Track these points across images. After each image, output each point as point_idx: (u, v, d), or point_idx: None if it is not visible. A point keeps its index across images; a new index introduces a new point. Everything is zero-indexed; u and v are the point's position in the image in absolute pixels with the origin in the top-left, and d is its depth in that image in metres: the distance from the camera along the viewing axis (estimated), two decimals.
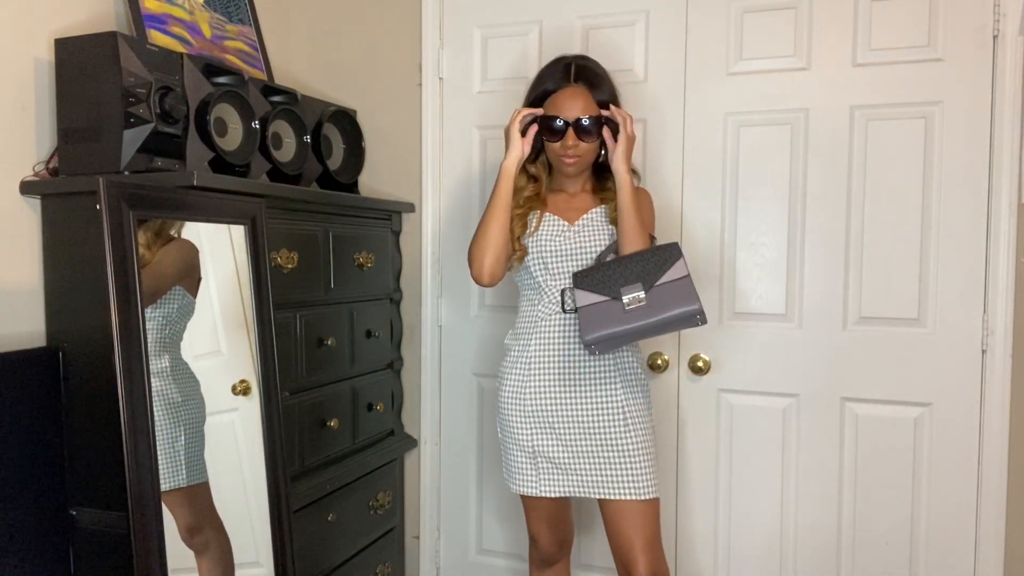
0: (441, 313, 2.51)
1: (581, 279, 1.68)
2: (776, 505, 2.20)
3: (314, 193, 2.16)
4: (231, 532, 1.76)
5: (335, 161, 2.34)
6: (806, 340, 2.14)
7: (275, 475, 1.81)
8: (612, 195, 1.81)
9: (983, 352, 2.00)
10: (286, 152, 2.10)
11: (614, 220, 1.78)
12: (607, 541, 1.82)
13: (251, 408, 1.81)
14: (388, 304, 2.46)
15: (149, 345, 1.51)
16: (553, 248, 1.79)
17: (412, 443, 2.54)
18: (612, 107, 1.75)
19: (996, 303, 1.98)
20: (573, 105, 1.73)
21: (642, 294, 1.63)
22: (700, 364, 2.21)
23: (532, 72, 2.29)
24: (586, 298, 1.66)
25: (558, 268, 1.79)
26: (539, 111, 1.77)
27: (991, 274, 1.98)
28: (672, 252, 1.67)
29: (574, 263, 1.78)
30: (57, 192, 1.74)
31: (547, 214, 1.83)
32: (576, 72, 1.76)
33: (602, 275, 1.67)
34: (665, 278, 1.64)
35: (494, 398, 1.90)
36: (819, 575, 2.17)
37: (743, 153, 2.17)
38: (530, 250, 1.80)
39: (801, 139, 2.12)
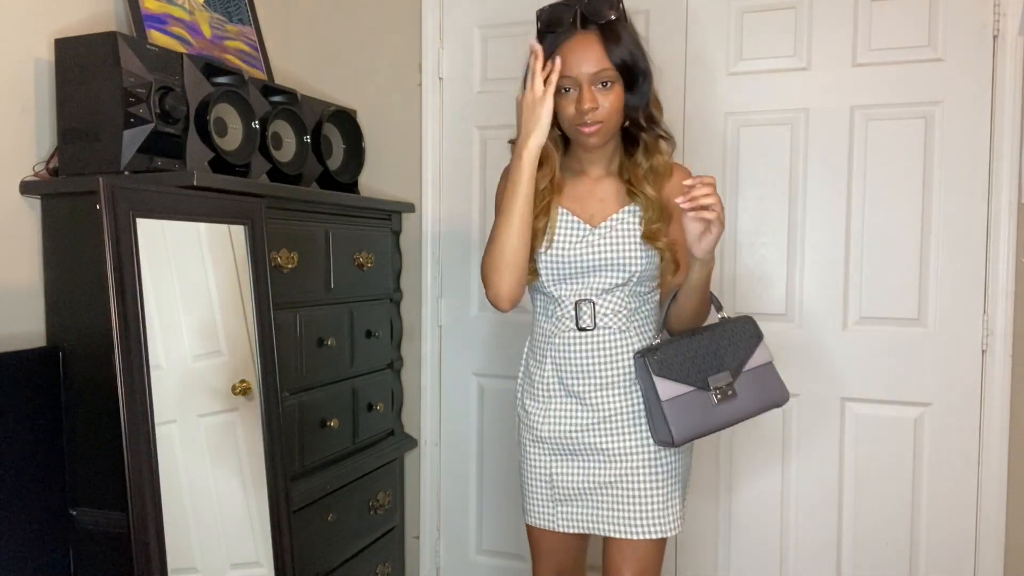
0: (441, 313, 2.51)
1: (660, 365, 1.41)
2: (776, 505, 2.20)
3: (314, 193, 2.16)
4: (231, 532, 1.76)
5: (335, 161, 2.34)
6: (806, 340, 2.14)
7: (275, 475, 1.81)
8: (641, 181, 1.47)
9: (983, 352, 2.00)
10: (286, 152, 2.10)
11: (650, 233, 1.46)
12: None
13: (251, 408, 1.81)
14: (388, 304, 2.46)
15: (150, 344, 1.51)
16: (571, 257, 1.47)
17: (412, 443, 2.54)
18: (688, 187, 1.35)
19: (996, 303, 1.98)
20: (584, 58, 1.37)
21: (730, 384, 1.44)
22: None
23: None
24: (671, 389, 1.41)
25: (575, 278, 1.49)
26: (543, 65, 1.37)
27: (991, 274, 1.98)
28: (752, 331, 1.49)
29: (594, 276, 1.48)
30: (57, 192, 1.74)
31: (562, 209, 1.48)
32: (583, 18, 1.40)
33: (682, 357, 1.43)
34: (751, 364, 1.47)
35: (494, 398, 1.90)
36: (819, 575, 2.17)
37: (743, 153, 2.17)
38: (543, 256, 1.49)
39: (801, 139, 2.12)
